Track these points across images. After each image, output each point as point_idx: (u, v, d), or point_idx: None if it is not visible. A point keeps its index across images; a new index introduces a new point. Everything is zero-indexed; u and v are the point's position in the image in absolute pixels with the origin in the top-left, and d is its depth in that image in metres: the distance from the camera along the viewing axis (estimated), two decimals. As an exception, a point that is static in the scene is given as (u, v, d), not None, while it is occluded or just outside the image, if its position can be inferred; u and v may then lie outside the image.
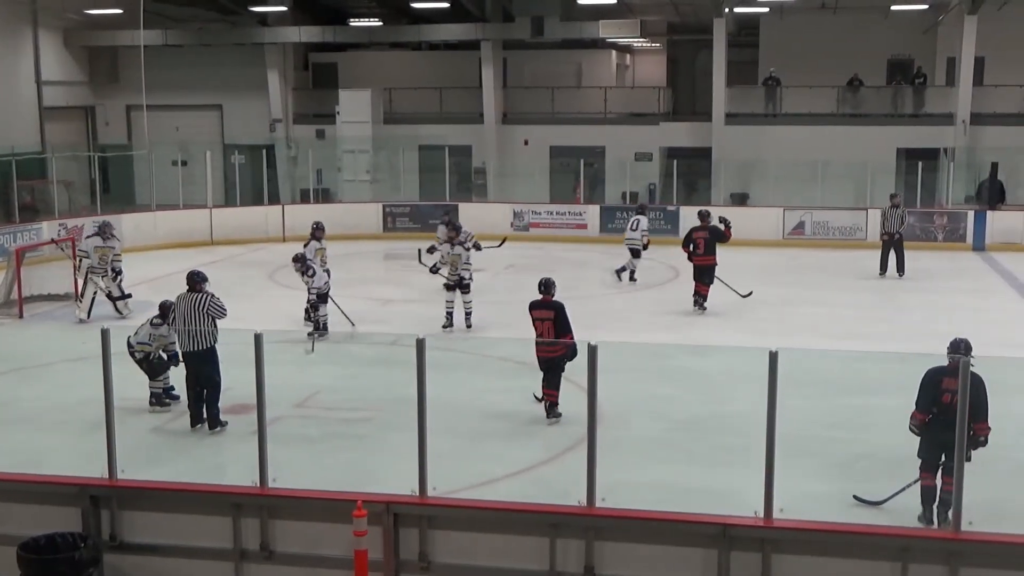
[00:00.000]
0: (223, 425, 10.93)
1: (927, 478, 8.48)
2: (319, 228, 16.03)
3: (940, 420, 8.14)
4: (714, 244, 16.90)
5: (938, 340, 14.66)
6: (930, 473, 8.44)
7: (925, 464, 8.48)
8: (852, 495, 8.88)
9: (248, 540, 7.45)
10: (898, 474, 9.50)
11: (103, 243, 16.71)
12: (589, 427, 7.13)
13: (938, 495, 8.35)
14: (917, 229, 23.91)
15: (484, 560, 7.20)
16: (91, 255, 16.59)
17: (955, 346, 8.37)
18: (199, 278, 11.30)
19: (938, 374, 8.30)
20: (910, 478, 8.67)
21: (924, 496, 8.49)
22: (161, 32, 30.66)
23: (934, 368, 8.39)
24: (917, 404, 8.39)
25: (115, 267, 16.80)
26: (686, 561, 6.94)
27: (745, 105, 30.76)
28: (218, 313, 11.06)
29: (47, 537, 7.33)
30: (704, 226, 17.19)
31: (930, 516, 8.41)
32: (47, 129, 30.72)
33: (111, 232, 17.04)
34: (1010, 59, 29.15)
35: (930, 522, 8.36)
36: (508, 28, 30.48)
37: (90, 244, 16.78)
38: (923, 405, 8.34)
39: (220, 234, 25.41)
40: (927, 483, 8.47)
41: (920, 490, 8.52)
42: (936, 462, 8.40)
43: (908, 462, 9.79)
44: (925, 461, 8.47)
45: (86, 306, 16.58)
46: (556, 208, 27.07)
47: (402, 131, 30.71)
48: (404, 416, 8.14)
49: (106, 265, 16.67)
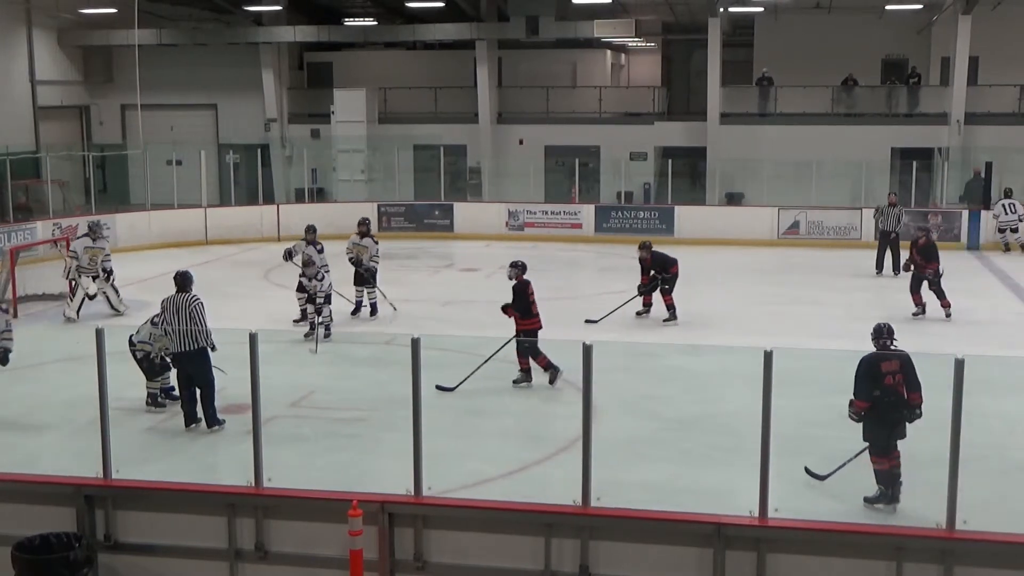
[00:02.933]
0: (221, 424, 10.91)
1: (880, 462, 8.74)
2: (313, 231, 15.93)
3: (886, 402, 8.62)
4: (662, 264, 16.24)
5: (932, 339, 14.79)
6: (883, 456, 8.71)
7: (876, 448, 8.75)
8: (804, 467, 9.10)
9: (243, 540, 7.45)
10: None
11: (93, 244, 16.69)
12: (584, 427, 7.14)
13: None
14: (912, 229, 23.90)
15: (479, 560, 7.20)
16: (80, 256, 16.57)
17: (879, 331, 8.90)
18: (186, 278, 11.29)
19: (876, 360, 8.72)
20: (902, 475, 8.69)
21: (882, 479, 8.74)
22: (156, 31, 30.61)
23: (869, 356, 8.77)
24: (857, 394, 8.70)
25: (105, 267, 16.77)
26: (681, 560, 6.95)
27: (740, 105, 30.78)
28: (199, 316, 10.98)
29: (41, 537, 7.32)
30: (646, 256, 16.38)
31: (896, 495, 8.70)
32: (41, 129, 30.70)
33: (101, 233, 17.02)
34: (1004, 59, 29.19)
35: (895, 499, 8.70)
36: (503, 28, 30.48)
37: (80, 245, 16.77)
38: (864, 393, 8.66)
39: (215, 234, 25.37)
40: (882, 467, 8.73)
41: (877, 475, 8.76)
42: (887, 443, 8.69)
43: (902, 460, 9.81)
44: (875, 445, 8.75)
45: (75, 306, 16.56)
46: (551, 208, 27.08)
47: (397, 131, 30.69)
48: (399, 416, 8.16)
49: (96, 266, 16.66)
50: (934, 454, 7.25)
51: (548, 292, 18.97)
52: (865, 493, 8.85)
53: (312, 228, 15.89)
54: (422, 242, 25.51)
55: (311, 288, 14.91)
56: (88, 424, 8.24)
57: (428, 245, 25.19)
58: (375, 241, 16.77)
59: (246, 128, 32.52)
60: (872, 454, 8.80)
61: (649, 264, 16.23)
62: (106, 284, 16.80)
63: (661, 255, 16.31)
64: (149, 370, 11.59)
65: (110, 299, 16.84)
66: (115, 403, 7.96)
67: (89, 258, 16.58)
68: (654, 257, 16.24)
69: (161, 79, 30.67)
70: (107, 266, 16.79)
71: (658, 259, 16.23)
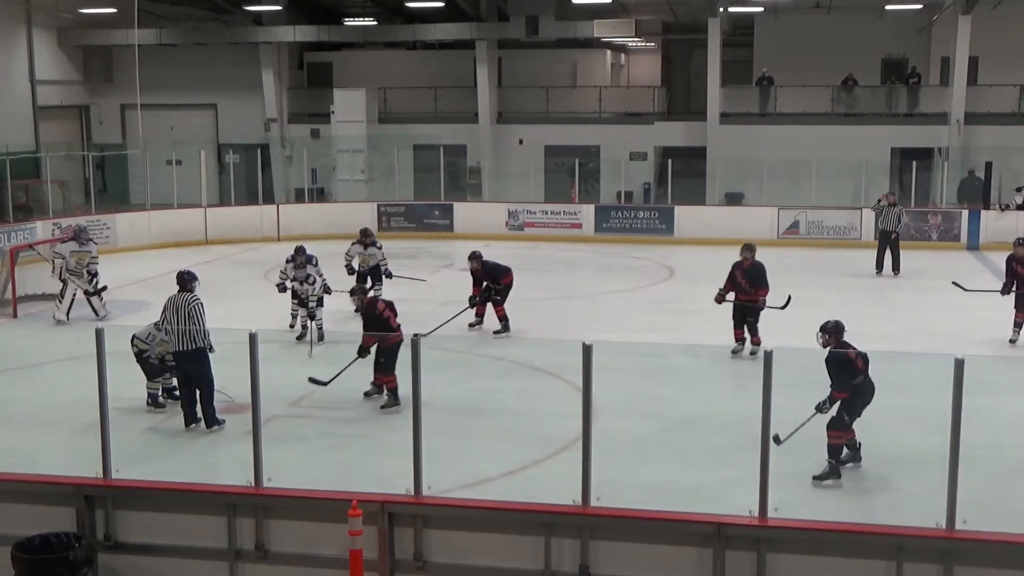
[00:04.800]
0: (220, 424, 10.92)
1: (838, 436, 9.38)
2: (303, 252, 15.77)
3: (857, 386, 9.28)
4: (493, 274, 15.49)
5: (932, 339, 14.79)
6: (844, 430, 9.39)
7: (841, 424, 9.37)
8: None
9: (243, 540, 7.44)
10: (889, 470, 9.54)
11: (79, 248, 16.68)
12: (584, 427, 7.14)
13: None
14: (911, 229, 23.95)
15: (479, 560, 7.20)
16: (67, 259, 16.57)
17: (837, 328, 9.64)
18: (188, 277, 11.30)
19: (843, 352, 9.31)
20: (901, 475, 8.74)
21: (851, 446, 9.53)
22: (155, 31, 30.62)
23: (837, 351, 9.29)
24: (839, 387, 9.23)
25: (91, 270, 16.77)
26: (681, 560, 6.95)
27: (739, 105, 30.78)
28: (198, 316, 10.98)
29: (41, 537, 7.31)
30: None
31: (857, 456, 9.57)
32: (41, 128, 30.70)
33: (88, 237, 17.03)
34: (1004, 59, 29.20)
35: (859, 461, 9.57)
36: (503, 27, 30.49)
37: (66, 248, 16.74)
38: (846, 385, 9.25)
39: (215, 234, 25.37)
40: (838, 440, 9.39)
41: (847, 445, 9.48)
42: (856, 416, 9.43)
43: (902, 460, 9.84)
44: (842, 421, 9.37)
45: (65, 307, 16.55)
46: (551, 208, 27.07)
47: (397, 130, 30.69)
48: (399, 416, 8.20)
49: (82, 269, 16.67)
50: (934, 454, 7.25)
51: (548, 292, 19.06)
52: (863, 493, 8.87)
53: (301, 249, 15.64)
54: (422, 242, 25.51)
55: (302, 292, 14.93)
56: (88, 424, 8.24)
57: (428, 245, 25.20)
58: (379, 247, 16.92)
59: (246, 128, 32.52)
60: (834, 429, 9.36)
61: (481, 275, 15.34)
62: (88, 285, 16.78)
63: (493, 265, 15.45)
64: (149, 370, 11.60)
65: (92, 304, 16.79)
66: (115, 403, 7.96)
67: (76, 260, 16.58)
68: (485, 267, 15.34)
69: (161, 79, 30.68)
70: (92, 269, 16.78)
71: (490, 269, 15.36)
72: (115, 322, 15.84)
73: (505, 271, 15.48)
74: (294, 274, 15.03)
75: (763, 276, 14.12)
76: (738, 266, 14.14)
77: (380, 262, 16.76)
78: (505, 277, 15.40)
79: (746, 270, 14.06)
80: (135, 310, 16.90)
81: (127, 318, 16.28)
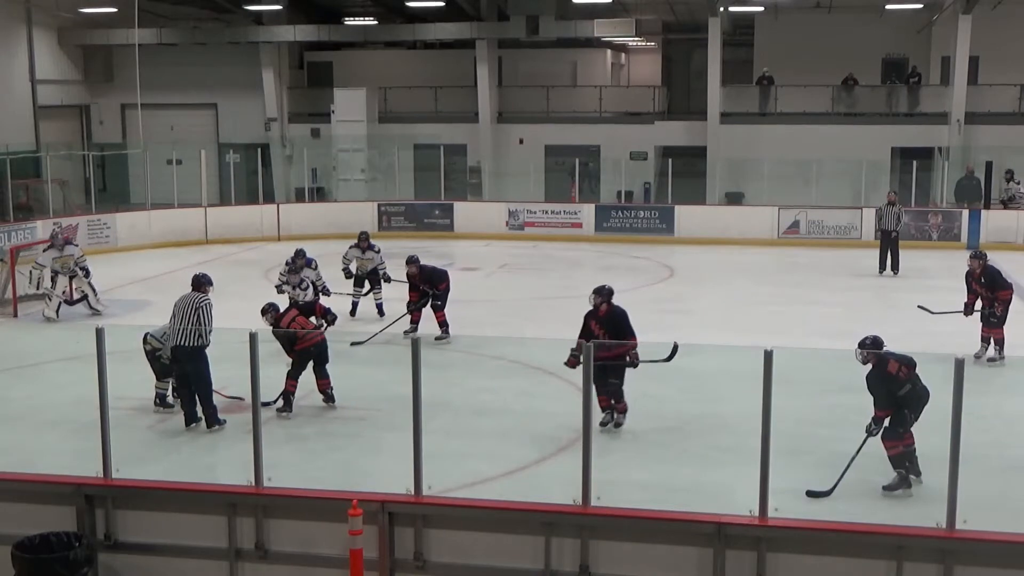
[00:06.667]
0: (221, 424, 10.92)
1: (895, 446, 8.98)
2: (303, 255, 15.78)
3: (905, 396, 8.91)
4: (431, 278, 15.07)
5: (932, 339, 14.75)
6: (899, 440, 8.96)
7: (894, 433, 8.96)
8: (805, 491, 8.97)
9: (243, 539, 7.44)
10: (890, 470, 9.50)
11: (60, 253, 16.69)
12: (584, 426, 7.14)
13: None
14: (912, 228, 23.95)
15: (479, 559, 7.20)
16: (47, 267, 16.57)
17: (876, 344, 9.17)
18: (204, 280, 11.32)
19: (884, 367, 8.97)
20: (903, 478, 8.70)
21: (898, 462, 9.00)
22: (156, 31, 30.62)
23: (877, 368, 9.00)
24: (880, 406, 8.93)
25: (81, 265, 16.77)
26: (681, 560, 6.95)
27: (740, 104, 30.77)
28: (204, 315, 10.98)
29: (41, 536, 7.32)
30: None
31: (916, 469, 9.01)
32: (41, 128, 30.69)
33: (64, 240, 17.05)
34: (1004, 58, 29.20)
35: (915, 472, 9.02)
36: (503, 27, 30.48)
37: (47, 257, 16.73)
38: (887, 403, 8.92)
39: (215, 233, 25.37)
40: (896, 450, 8.98)
41: (892, 461, 8.99)
42: (909, 425, 8.98)
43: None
44: (894, 431, 8.94)
45: (54, 305, 16.56)
46: (551, 207, 27.06)
47: (397, 130, 30.69)
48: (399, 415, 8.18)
49: (76, 269, 16.67)
50: (934, 454, 7.26)
51: (548, 291, 19.05)
52: (865, 492, 8.86)
53: (300, 252, 15.68)
54: (422, 241, 25.46)
55: (295, 297, 14.94)
56: (88, 424, 8.24)
57: (428, 244, 25.16)
58: (377, 251, 16.78)
59: (246, 127, 32.51)
60: (888, 439, 8.98)
61: (418, 280, 14.83)
62: (84, 282, 16.78)
63: (430, 269, 15.06)
64: (160, 369, 11.57)
65: (88, 299, 16.80)
66: (115, 403, 7.96)
67: (61, 265, 16.60)
68: (423, 272, 14.87)
69: (161, 78, 30.66)
70: (83, 264, 16.80)
71: (427, 274, 14.92)
72: (115, 321, 15.83)
73: (442, 276, 15.06)
74: (288, 278, 15.03)
75: (626, 323, 11.08)
76: (592, 315, 11.11)
77: (379, 266, 16.71)
78: (442, 282, 14.94)
79: (601, 318, 11.06)
80: (135, 309, 16.90)
81: (127, 318, 16.29)
